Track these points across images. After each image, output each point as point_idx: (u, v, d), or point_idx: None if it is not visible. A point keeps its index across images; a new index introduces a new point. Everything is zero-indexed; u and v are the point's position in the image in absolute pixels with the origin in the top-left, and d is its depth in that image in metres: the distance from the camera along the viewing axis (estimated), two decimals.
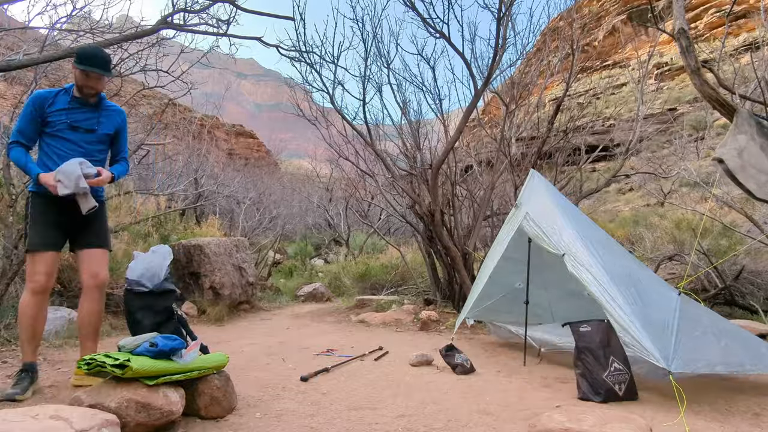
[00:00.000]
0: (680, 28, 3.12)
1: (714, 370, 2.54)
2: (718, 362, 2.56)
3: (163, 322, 2.84)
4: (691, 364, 2.50)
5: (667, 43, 29.88)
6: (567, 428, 1.92)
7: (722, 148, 2.78)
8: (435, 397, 2.67)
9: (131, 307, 2.90)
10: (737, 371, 2.53)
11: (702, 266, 5.54)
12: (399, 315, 5.19)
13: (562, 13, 6.33)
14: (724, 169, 2.72)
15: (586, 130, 6.35)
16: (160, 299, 2.90)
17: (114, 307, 4.92)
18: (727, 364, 2.55)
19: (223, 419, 2.23)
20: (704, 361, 2.55)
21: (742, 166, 2.70)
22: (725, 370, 2.54)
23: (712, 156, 2.85)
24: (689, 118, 19.82)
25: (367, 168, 7.06)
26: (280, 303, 7.16)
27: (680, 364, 2.46)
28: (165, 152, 12.12)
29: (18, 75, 6.76)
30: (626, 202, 18.23)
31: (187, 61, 4.92)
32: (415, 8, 4.82)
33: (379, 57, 5.75)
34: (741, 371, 2.53)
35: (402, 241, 11.43)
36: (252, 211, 12.80)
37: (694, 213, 7.65)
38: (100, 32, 4.20)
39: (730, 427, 2.22)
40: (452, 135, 5.33)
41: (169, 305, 2.91)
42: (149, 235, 6.13)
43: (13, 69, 3.42)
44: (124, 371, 1.95)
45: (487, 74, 4.85)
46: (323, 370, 3.14)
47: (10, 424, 1.51)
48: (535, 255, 3.61)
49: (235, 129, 50.78)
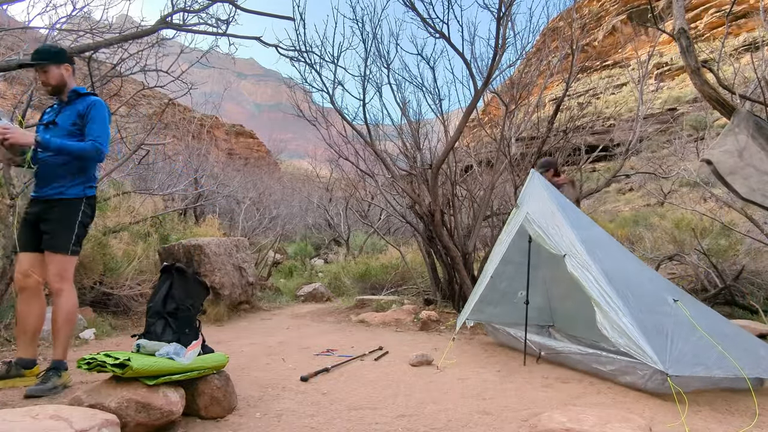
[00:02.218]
0: (680, 28, 3.12)
1: (711, 374, 2.54)
2: (716, 366, 2.56)
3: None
4: (689, 368, 2.51)
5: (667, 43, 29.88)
6: (567, 428, 1.92)
7: (713, 149, 2.80)
8: (435, 397, 2.67)
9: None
10: (735, 375, 2.54)
11: (702, 266, 5.54)
12: (399, 315, 5.19)
13: (561, 13, 6.34)
14: (711, 170, 2.74)
15: (586, 130, 6.34)
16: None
17: (114, 307, 4.93)
18: (725, 368, 2.55)
19: (223, 419, 2.23)
20: (702, 365, 2.55)
21: (736, 166, 2.71)
22: (723, 374, 2.55)
23: (701, 157, 2.86)
24: (689, 118, 19.82)
25: (367, 168, 7.05)
26: (280, 303, 7.16)
27: (678, 367, 2.46)
28: (165, 152, 12.12)
29: (18, 75, 6.75)
30: (626, 202, 18.24)
31: (187, 61, 4.92)
32: (414, 8, 4.82)
33: (379, 57, 5.76)
34: (739, 375, 2.53)
35: (402, 241, 11.43)
36: (252, 211, 12.80)
37: (694, 213, 7.66)
38: (99, 32, 4.20)
39: (730, 427, 2.22)
40: (452, 135, 5.33)
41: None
42: (149, 235, 6.13)
43: (13, 69, 3.42)
44: (124, 371, 1.95)
45: (487, 74, 4.85)
46: (323, 370, 3.14)
47: (10, 424, 1.51)
48: (535, 255, 3.61)
49: (235, 129, 50.80)
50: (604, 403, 2.55)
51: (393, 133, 6.72)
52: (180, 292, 2.56)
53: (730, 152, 2.76)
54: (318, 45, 11.20)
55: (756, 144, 2.74)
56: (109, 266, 4.83)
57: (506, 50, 4.99)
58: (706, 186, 7.54)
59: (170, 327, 2.45)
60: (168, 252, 5.60)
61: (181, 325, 2.49)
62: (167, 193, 8.78)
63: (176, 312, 2.49)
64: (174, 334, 2.43)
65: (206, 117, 24.74)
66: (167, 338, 2.39)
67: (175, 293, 2.54)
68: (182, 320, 2.50)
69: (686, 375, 2.49)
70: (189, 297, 2.59)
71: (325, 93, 5.69)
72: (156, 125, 8.79)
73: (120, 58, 4.69)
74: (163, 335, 2.41)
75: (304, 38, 7.75)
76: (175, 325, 2.46)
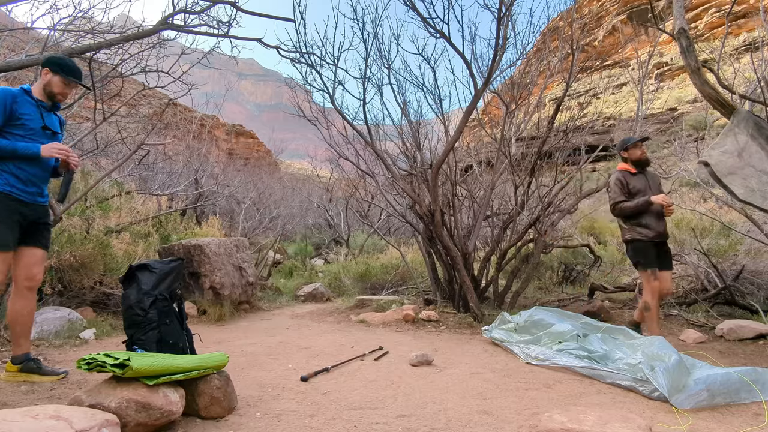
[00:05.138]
0: (680, 28, 3.13)
1: (713, 402, 2.52)
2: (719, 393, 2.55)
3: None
4: (693, 398, 2.50)
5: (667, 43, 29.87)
6: (567, 428, 1.92)
7: (712, 150, 2.80)
8: (435, 397, 2.67)
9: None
10: (735, 401, 2.54)
11: (702, 266, 5.54)
12: (399, 315, 5.19)
13: (562, 13, 6.33)
14: (709, 172, 2.74)
15: (586, 130, 6.33)
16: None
17: (114, 307, 4.93)
18: (727, 395, 2.56)
19: (223, 419, 2.23)
20: (706, 393, 2.54)
21: (735, 166, 2.71)
22: (723, 401, 2.54)
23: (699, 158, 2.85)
24: (689, 118, 19.83)
25: (367, 168, 7.05)
26: (280, 303, 7.16)
27: (682, 399, 2.48)
28: (165, 152, 12.13)
29: (19, 75, 6.77)
30: None
31: (188, 62, 4.93)
32: (415, 8, 4.81)
33: (380, 57, 5.75)
34: (738, 401, 2.54)
35: (402, 241, 11.44)
36: (252, 211, 12.80)
37: (693, 213, 7.66)
38: (100, 33, 4.21)
39: (730, 427, 2.22)
40: (452, 135, 5.33)
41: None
42: (149, 235, 6.13)
43: (14, 69, 3.43)
44: (124, 371, 1.96)
45: (487, 74, 4.84)
46: (323, 370, 3.15)
47: (10, 424, 1.51)
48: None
49: (235, 129, 50.86)
50: (604, 403, 2.55)
51: (393, 133, 6.71)
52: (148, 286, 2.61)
53: (729, 153, 2.76)
54: (319, 45, 11.20)
55: (756, 144, 2.74)
56: (110, 266, 4.84)
57: (506, 50, 4.99)
58: (706, 186, 7.53)
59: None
60: (168, 252, 5.60)
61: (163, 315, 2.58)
62: (168, 193, 8.79)
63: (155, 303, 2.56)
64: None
65: (207, 117, 24.74)
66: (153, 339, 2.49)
67: (143, 288, 2.59)
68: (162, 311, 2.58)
69: (690, 405, 2.49)
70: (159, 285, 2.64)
71: (325, 93, 5.69)
72: (156, 125, 8.80)
73: (121, 59, 4.70)
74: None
75: (304, 39, 7.75)
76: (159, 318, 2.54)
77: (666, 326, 4.65)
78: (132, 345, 2.51)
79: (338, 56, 5.54)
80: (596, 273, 7.87)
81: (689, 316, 4.90)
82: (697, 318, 4.84)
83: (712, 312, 5.00)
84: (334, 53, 5.65)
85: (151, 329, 2.50)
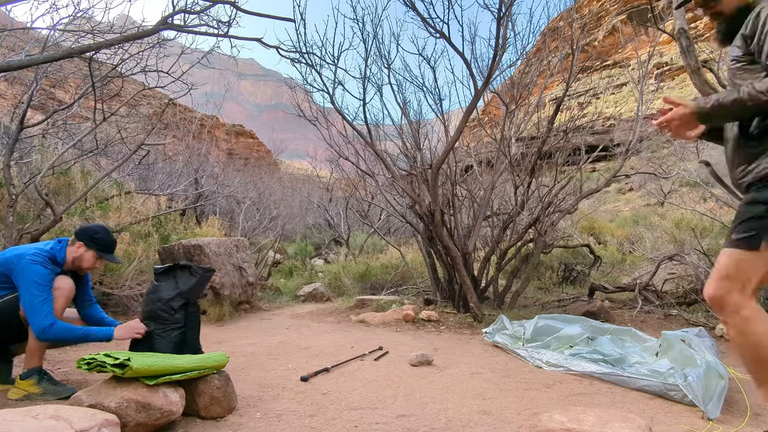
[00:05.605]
0: (680, 28, 3.13)
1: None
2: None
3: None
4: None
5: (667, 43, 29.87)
6: (567, 428, 1.92)
7: (713, 150, 2.80)
8: (435, 397, 2.67)
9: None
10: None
11: (702, 266, 5.54)
12: (399, 315, 5.19)
13: (562, 14, 6.33)
14: (710, 171, 2.74)
15: (586, 130, 6.32)
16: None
17: (114, 307, 4.93)
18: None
19: (223, 419, 2.23)
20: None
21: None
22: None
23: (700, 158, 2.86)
24: None
25: (367, 168, 7.05)
26: (280, 303, 7.16)
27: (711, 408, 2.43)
28: (165, 152, 12.13)
29: (19, 75, 6.76)
30: (626, 202, 18.25)
31: (188, 62, 4.92)
32: (415, 8, 4.81)
33: (380, 57, 5.74)
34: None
35: (402, 241, 11.43)
36: (252, 211, 12.79)
37: (693, 213, 7.66)
38: (100, 33, 4.20)
39: (731, 427, 2.22)
40: (452, 135, 5.33)
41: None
42: (149, 235, 6.13)
43: (13, 69, 3.42)
44: (124, 371, 1.96)
45: (487, 74, 4.84)
46: (323, 370, 3.15)
47: (10, 424, 1.51)
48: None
49: (235, 129, 50.88)
50: (604, 403, 2.55)
51: (393, 133, 6.71)
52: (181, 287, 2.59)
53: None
54: (319, 45, 11.20)
55: None
56: (110, 266, 4.83)
57: (506, 50, 4.99)
58: (706, 186, 7.54)
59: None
60: (168, 252, 5.60)
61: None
62: (168, 193, 8.79)
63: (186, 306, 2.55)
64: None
65: (206, 117, 24.73)
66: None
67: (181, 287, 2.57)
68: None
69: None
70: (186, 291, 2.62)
71: (325, 93, 5.69)
72: (156, 125, 8.80)
73: (121, 59, 4.69)
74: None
75: (304, 39, 7.76)
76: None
77: (666, 326, 4.65)
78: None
79: (338, 56, 5.53)
80: (596, 273, 7.87)
81: (689, 316, 4.90)
82: (697, 318, 4.84)
83: (712, 312, 5.00)
84: (334, 53, 5.64)
85: (174, 329, 2.44)
